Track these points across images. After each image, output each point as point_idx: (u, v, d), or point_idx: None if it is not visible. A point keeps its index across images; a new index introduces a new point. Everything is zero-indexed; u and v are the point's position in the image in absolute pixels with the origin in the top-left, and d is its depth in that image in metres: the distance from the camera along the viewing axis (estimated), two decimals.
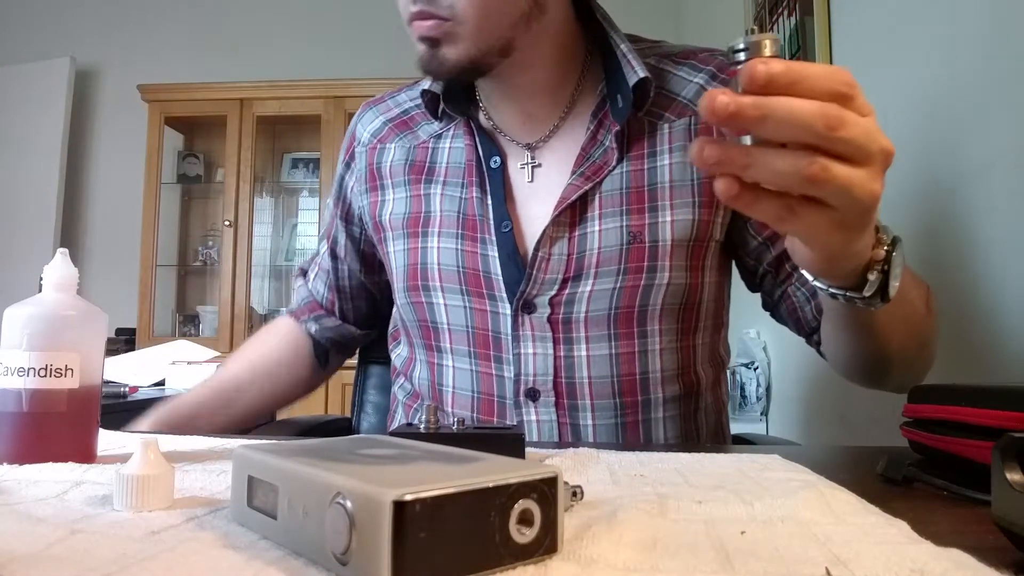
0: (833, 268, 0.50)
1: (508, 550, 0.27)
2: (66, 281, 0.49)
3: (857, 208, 0.42)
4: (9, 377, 0.46)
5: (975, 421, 0.46)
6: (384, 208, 0.85)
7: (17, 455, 0.46)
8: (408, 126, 0.86)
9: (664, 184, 0.76)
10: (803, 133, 0.38)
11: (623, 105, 0.76)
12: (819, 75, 0.39)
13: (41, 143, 3.42)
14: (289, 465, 0.30)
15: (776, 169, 0.39)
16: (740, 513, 0.36)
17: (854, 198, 0.41)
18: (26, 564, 0.27)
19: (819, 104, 0.38)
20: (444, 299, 0.79)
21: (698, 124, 0.78)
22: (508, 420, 0.76)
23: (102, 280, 3.31)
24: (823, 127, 0.38)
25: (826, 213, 0.42)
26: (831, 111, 0.38)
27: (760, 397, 2.01)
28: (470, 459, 0.32)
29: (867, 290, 0.52)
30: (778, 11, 1.92)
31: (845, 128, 0.38)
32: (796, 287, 0.79)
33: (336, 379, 3.03)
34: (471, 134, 0.80)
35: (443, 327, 0.79)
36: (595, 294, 0.75)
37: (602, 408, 0.76)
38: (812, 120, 0.38)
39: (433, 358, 0.81)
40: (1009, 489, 0.29)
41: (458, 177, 0.80)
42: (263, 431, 1.07)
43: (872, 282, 0.51)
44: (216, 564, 0.28)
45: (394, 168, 0.85)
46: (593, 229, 0.76)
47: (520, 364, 0.76)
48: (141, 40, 3.58)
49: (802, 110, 0.38)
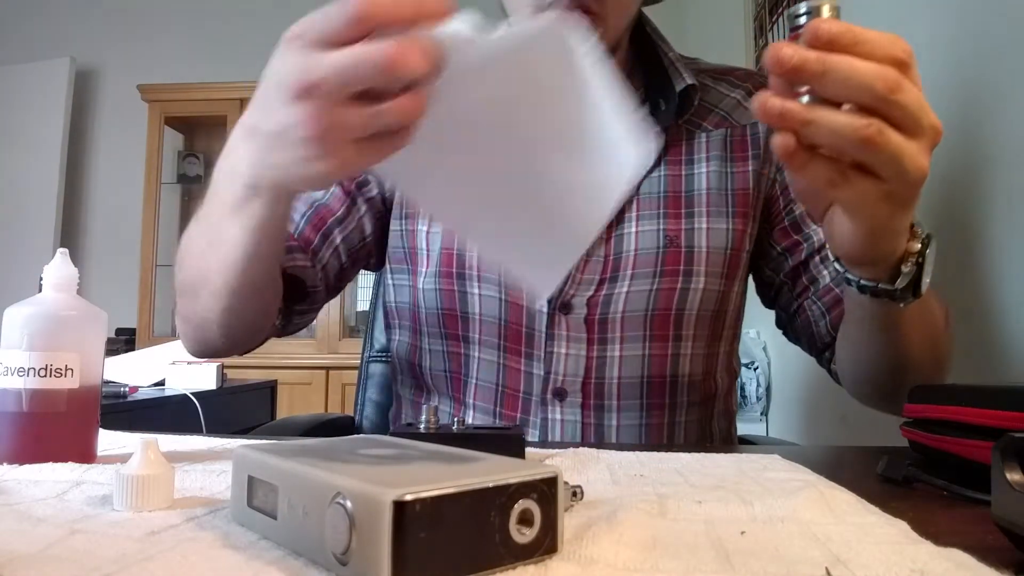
0: (872, 247, 0.51)
1: (508, 550, 0.27)
2: (66, 281, 0.49)
3: (905, 180, 0.43)
4: (9, 377, 0.46)
5: (975, 421, 0.46)
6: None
7: (17, 455, 0.46)
8: None
9: (701, 192, 0.78)
10: (862, 92, 0.40)
11: (667, 109, 0.77)
12: (880, 39, 0.40)
13: (41, 143, 3.42)
14: (289, 465, 0.30)
15: (834, 126, 0.40)
16: (740, 513, 0.36)
17: (904, 169, 0.42)
18: (26, 564, 0.27)
19: (879, 66, 0.39)
20: (480, 289, 0.77)
21: (733, 136, 0.80)
22: (531, 417, 0.76)
23: (102, 280, 3.31)
24: (883, 88, 0.39)
25: (875, 183, 0.43)
26: (890, 74, 0.40)
27: (760, 397, 2.01)
28: (470, 459, 0.32)
29: (900, 282, 0.52)
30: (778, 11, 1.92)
31: (902, 92, 0.40)
32: (812, 300, 0.80)
33: (336, 378, 3.06)
34: None
35: (474, 317, 0.77)
36: (631, 295, 0.75)
37: (628, 409, 0.76)
38: (872, 80, 0.39)
39: (458, 348, 0.79)
40: (1009, 489, 0.29)
41: None
42: (263, 431, 1.07)
43: (906, 274, 0.52)
44: (216, 564, 0.28)
45: None
46: (630, 231, 0.76)
47: (552, 363, 0.75)
48: (141, 40, 3.58)
49: (863, 69, 0.39)
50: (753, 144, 0.81)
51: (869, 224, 0.48)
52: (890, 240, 0.50)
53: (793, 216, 0.81)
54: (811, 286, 0.80)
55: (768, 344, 2.02)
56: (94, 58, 3.58)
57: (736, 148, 0.80)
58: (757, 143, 0.81)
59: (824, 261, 0.79)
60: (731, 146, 0.80)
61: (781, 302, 0.84)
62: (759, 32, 2.13)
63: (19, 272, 3.11)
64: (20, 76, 3.47)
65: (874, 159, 0.42)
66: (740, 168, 0.80)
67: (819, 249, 0.80)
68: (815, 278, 0.80)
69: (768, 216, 0.82)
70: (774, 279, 0.83)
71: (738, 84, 0.83)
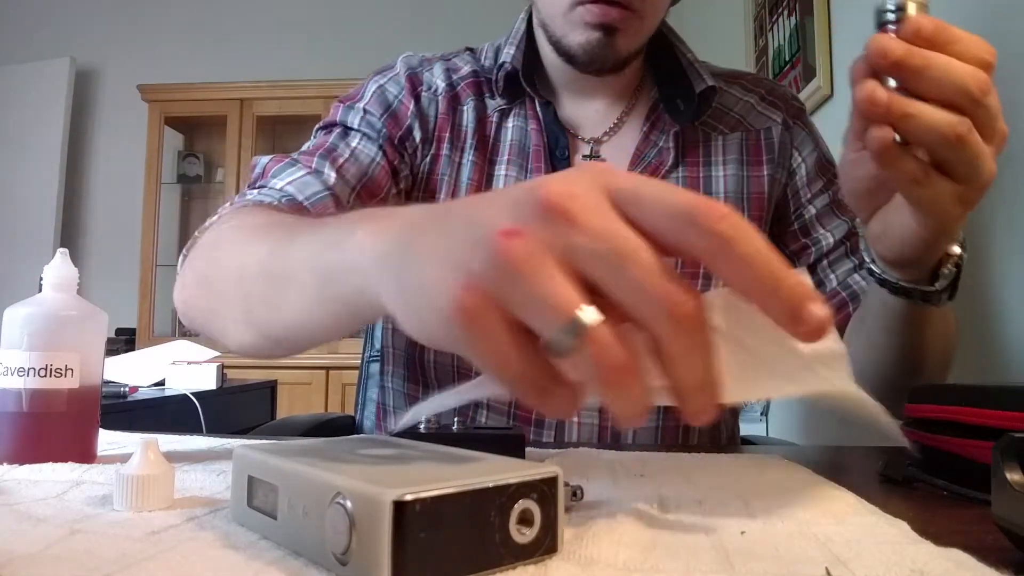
0: (929, 249, 0.52)
1: (508, 550, 0.27)
2: (66, 281, 0.49)
3: (979, 183, 0.44)
4: (9, 377, 0.46)
5: (975, 421, 0.46)
6: (447, 166, 0.79)
7: (17, 455, 0.46)
8: (479, 91, 0.82)
9: (719, 194, 0.78)
10: (956, 92, 0.41)
11: (685, 109, 0.77)
12: (972, 40, 0.41)
13: (41, 143, 3.42)
14: (289, 465, 0.30)
15: (932, 122, 0.41)
16: (740, 513, 0.36)
17: (979, 171, 0.43)
18: (26, 564, 0.27)
19: (973, 68, 0.41)
20: None
21: (748, 141, 0.81)
22: (548, 418, 0.74)
23: (102, 280, 3.31)
24: (975, 89, 0.40)
25: (951, 184, 0.44)
26: (981, 76, 0.41)
27: None
28: (470, 459, 0.32)
29: (940, 284, 0.54)
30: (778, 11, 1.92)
31: (991, 96, 0.41)
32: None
33: (336, 378, 3.06)
34: (537, 119, 0.79)
35: None
36: None
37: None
38: (966, 80, 0.40)
39: None
40: (1009, 489, 0.29)
41: (522, 159, 0.79)
42: (263, 431, 1.07)
43: (946, 275, 0.54)
44: (216, 564, 0.28)
45: (467, 131, 0.80)
46: None
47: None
48: (141, 40, 3.58)
49: (959, 69, 0.40)
50: (767, 149, 0.81)
51: (937, 224, 0.49)
52: (946, 242, 0.52)
53: (803, 220, 0.82)
54: (818, 289, 0.80)
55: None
56: (94, 58, 3.58)
57: (752, 152, 0.81)
58: (772, 148, 0.81)
59: (832, 264, 0.80)
60: (747, 150, 0.80)
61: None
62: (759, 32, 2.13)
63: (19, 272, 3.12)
64: (20, 76, 3.47)
65: (956, 158, 0.43)
66: (756, 172, 0.80)
67: (827, 253, 0.80)
68: (822, 281, 0.80)
69: (778, 219, 0.82)
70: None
71: (751, 88, 0.84)
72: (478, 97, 0.81)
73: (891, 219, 0.51)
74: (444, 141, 0.80)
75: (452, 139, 0.80)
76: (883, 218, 0.52)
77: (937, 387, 0.54)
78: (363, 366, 1.12)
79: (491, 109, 0.81)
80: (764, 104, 0.83)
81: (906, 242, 0.51)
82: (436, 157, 0.80)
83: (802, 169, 0.82)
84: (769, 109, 0.83)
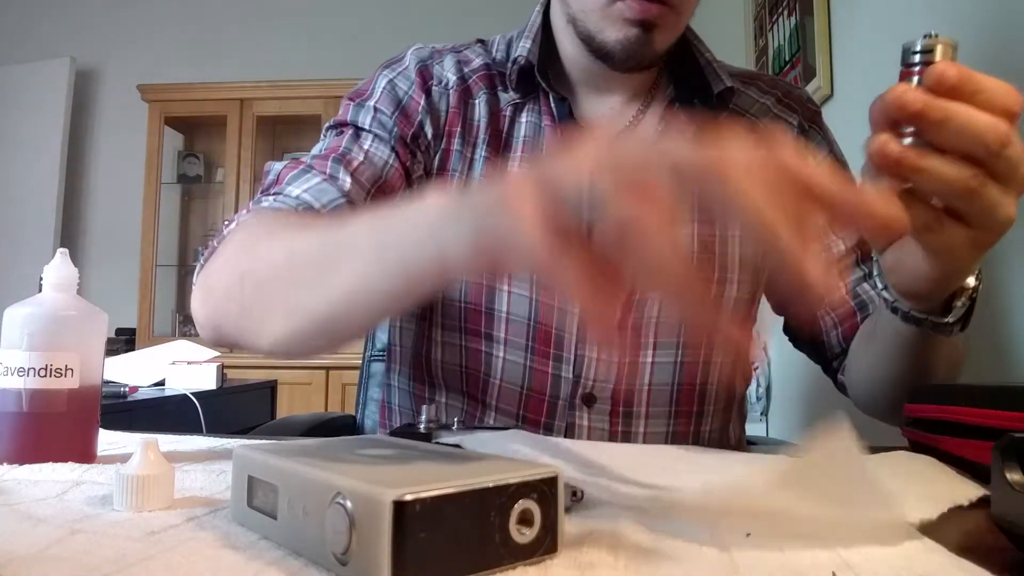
0: (941, 287, 0.51)
1: (508, 550, 0.27)
2: (66, 281, 0.49)
3: (995, 230, 0.43)
4: (9, 377, 0.46)
5: (975, 421, 0.46)
6: (459, 161, 0.78)
7: (17, 455, 0.46)
8: (491, 85, 0.80)
9: None
10: (974, 144, 0.39)
11: (702, 108, 0.77)
12: (998, 89, 0.40)
13: (41, 143, 3.42)
14: (289, 465, 0.30)
15: (944, 176, 0.40)
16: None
17: (995, 219, 0.42)
18: (26, 564, 0.27)
19: (993, 119, 0.39)
20: (509, 286, 0.74)
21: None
22: (556, 421, 0.73)
23: (102, 280, 3.31)
24: (994, 142, 0.39)
25: (965, 229, 0.43)
26: (1002, 128, 0.39)
27: (760, 397, 2.01)
28: (470, 459, 0.31)
29: (952, 316, 0.53)
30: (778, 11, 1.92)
31: (1011, 147, 0.40)
32: (825, 311, 0.80)
33: (336, 378, 3.05)
34: (551, 115, 0.78)
35: (500, 315, 0.74)
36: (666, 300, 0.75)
37: (656, 416, 0.75)
38: (986, 133, 0.39)
39: (478, 344, 0.76)
40: (1009, 489, 0.29)
41: (535, 156, 0.78)
42: (263, 431, 1.07)
43: (958, 308, 0.53)
44: (216, 564, 0.28)
45: (479, 125, 0.79)
46: None
47: (582, 367, 0.73)
48: (141, 40, 3.58)
49: (980, 122, 0.39)
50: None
51: (950, 268, 0.48)
52: (960, 281, 0.51)
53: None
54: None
55: (768, 344, 2.02)
56: (94, 58, 3.58)
57: None
58: None
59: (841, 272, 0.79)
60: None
61: (791, 310, 0.84)
62: (759, 32, 2.13)
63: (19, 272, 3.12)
64: (20, 76, 3.47)
65: (969, 208, 0.42)
66: None
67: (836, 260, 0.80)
68: None
69: None
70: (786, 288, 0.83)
71: (767, 90, 0.83)
72: (490, 91, 0.80)
73: (904, 256, 0.50)
74: (455, 136, 0.78)
75: (464, 134, 0.78)
76: (897, 253, 0.51)
77: (937, 387, 0.54)
78: (364, 365, 1.12)
79: (504, 103, 0.79)
80: (780, 107, 0.83)
81: (918, 279, 0.50)
82: (447, 152, 0.78)
83: None
84: (785, 112, 0.83)
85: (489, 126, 0.78)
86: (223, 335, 0.60)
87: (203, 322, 0.62)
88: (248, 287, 0.55)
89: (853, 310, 0.78)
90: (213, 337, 0.62)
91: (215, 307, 0.60)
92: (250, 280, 0.55)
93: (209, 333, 0.62)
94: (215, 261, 0.62)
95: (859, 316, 0.77)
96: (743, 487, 0.34)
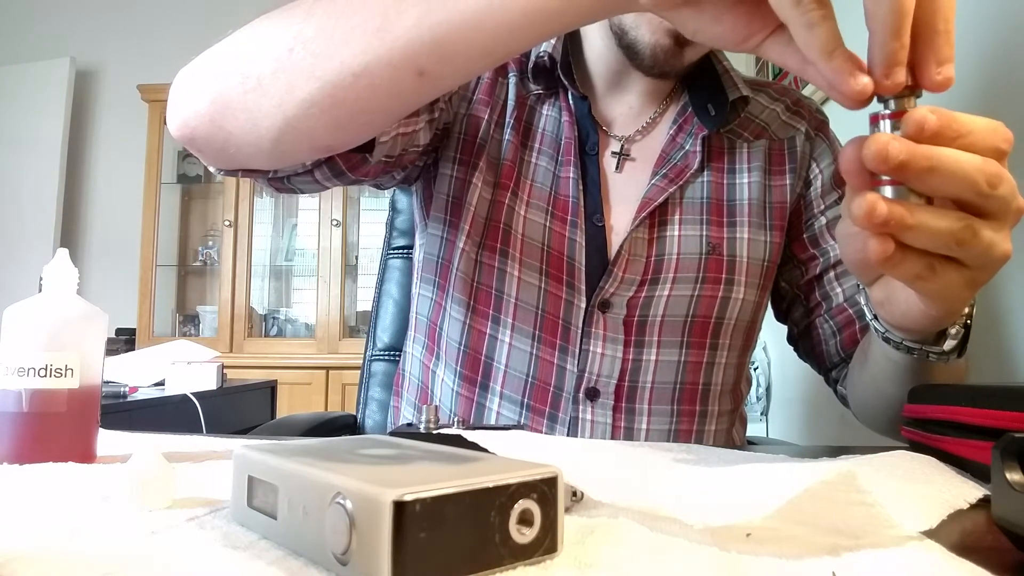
0: (935, 325, 0.50)
1: (508, 550, 0.27)
2: (66, 281, 0.49)
3: (990, 268, 0.41)
4: (9, 377, 0.46)
5: (975, 421, 0.46)
6: (487, 134, 0.78)
7: (17, 455, 0.46)
8: (522, 70, 0.80)
9: (743, 201, 0.78)
10: (965, 189, 0.37)
11: (716, 114, 0.78)
12: (984, 130, 0.38)
13: (41, 143, 3.42)
14: (289, 465, 0.30)
15: (934, 230, 0.38)
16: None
17: (991, 258, 0.40)
18: (26, 564, 0.27)
19: (983, 160, 0.37)
20: (520, 272, 0.75)
21: (772, 149, 0.81)
22: (560, 413, 0.75)
23: (102, 280, 3.31)
24: (984, 184, 0.37)
25: (960, 271, 0.41)
26: (992, 168, 0.37)
27: (760, 397, 2.01)
28: (470, 459, 0.31)
29: (948, 345, 0.52)
30: None
31: (1003, 186, 0.38)
32: (824, 319, 0.80)
33: (336, 378, 3.06)
34: (570, 111, 0.79)
35: (509, 299, 0.75)
36: (672, 299, 0.75)
37: (659, 414, 0.75)
38: (975, 176, 0.37)
39: (483, 327, 0.76)
40: (1009, 489, 0.29)
41: (553, 150, 0.79)
42: (263, 431, 1.07)
43: (953, 335, 0.52)
44: (216, 564, 0.28)
45: (508, 107, 0.79)
46: (673, 233, 0.76)
47: (587, 361, 0.74)
48: (141, 40, 3.58)
49: (968, 166, 0.37)
50: (790, 158, 0.81)
51: (945, 308, 0.46)
52: (955, 317, 0.50)
53: (812, 230, 0.82)
54: (824, 303, 0.81)
55: (768, 344, 2.02)
56: (94, 58, 3.58)
57: (775, 161, 0.81)
58: (794, 157, 0.81)
59: (840, 277, 0.80)
60: (770, 159, 0.81)
61: (794, 317, 0.85)
62: None
63: (19, 272, 3.12)
64: (20, 76, 3.47)
65: (963, 254, 0.40)
66: (778, 181, 0.80)
67: (834, 264, 0.80)
68: (828, 295, 0.80)
69: (789, 228, 0.82)
70: (788, 291, 0.84)
71: (777, 98, 0.84)
72: (520, 76, 0.80)
73: (895, 294, 0.48)
74: (486, 105, 0.78)
75: (492, 108, 0.79)
76: (886, 289, 0.48)
77: (937, 387, 0.54)
78: (365, 365, 1.12)
79: (529, 92, 0.80)
80: (789, 114, 0.84)
81: (909, 317, 0.48)
82: (476, 119, 0.78)
83: (818, 180, 0.82)
84: (794, 119, 0.83)
85: (516, 110, 0.79)
86: (210, 138, 0.58)
87: (186, 124, 0.59)
88: (247, 69, 0.53)
89: (852, 318, 0.78)
90: (198, 141, 0.59)
91: (200, 100, 0.58)
92: (247, 62, 0.53)
93: (194, 136, 0.59)
94: (206, 56, 0.59)
95: (858, 324, 0.78)
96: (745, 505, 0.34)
